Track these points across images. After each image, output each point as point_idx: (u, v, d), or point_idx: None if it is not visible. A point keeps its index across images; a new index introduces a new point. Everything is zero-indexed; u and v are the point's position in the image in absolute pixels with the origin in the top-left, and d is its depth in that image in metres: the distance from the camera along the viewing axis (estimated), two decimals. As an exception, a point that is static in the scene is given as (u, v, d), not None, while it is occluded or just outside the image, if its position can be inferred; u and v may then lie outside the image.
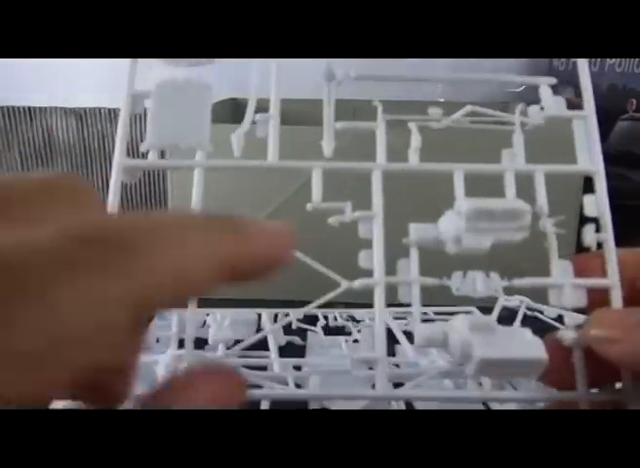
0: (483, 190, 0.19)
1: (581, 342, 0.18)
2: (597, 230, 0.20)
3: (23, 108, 0.79)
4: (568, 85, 0.76)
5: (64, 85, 0.78)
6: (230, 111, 0.72)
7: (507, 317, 0.41)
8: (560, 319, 0.42)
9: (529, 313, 0.43)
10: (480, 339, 0.17)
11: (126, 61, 0.21)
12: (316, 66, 0.21)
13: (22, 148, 0.81)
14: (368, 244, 0.20)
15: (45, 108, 0.79)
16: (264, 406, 0.29)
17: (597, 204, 0.20)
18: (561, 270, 0.19)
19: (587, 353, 0.18)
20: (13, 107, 0.79)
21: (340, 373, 0.30)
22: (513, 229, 0.19)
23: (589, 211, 0.20)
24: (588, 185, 0.21)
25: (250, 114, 0.22)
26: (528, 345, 0.17)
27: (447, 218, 0.20)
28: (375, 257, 0.20)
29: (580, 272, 0.19)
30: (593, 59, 0.70)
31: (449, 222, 0.20)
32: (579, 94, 0.22)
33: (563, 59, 0.79)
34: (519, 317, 0.42)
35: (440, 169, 0.21)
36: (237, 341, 0.37)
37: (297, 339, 0.41)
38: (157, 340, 0.36)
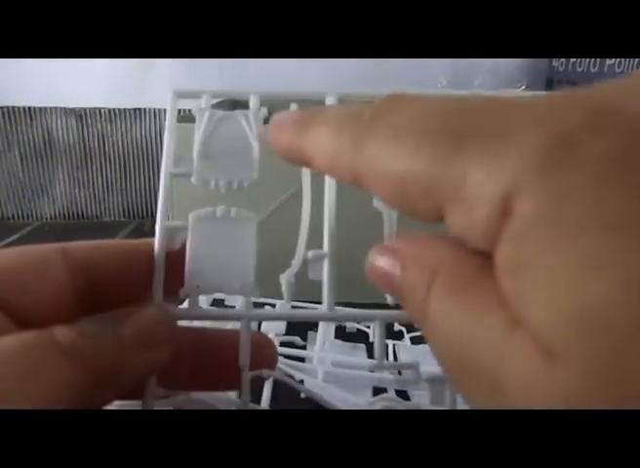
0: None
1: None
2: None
3: (23, 108, 0.79)
4: (567, 85, 0.76)
5: (64, 85, 0.78)
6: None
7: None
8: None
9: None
10: None
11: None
12: (318, 67, 0.21)
13: (22, 148, 0.81)
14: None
15: (45, 108, 0.79)
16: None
17: None
18: None
19: None
20: (13, 107, 0.79)
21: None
22: None
23: None
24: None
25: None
26: None
27: None
28: None
29: None
30: (593, 60, 0.70)
31: None
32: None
33: (563, 59, 0.79)
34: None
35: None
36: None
37: (297, 340, 0.42)
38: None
